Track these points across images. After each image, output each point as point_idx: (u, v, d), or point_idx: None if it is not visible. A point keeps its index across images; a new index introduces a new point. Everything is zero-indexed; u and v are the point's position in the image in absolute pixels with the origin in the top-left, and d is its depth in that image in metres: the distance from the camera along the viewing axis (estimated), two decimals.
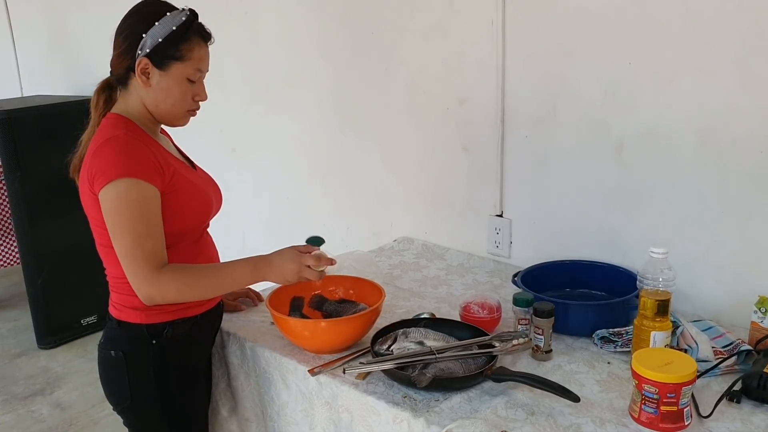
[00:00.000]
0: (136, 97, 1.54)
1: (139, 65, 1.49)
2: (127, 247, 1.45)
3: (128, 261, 1.46)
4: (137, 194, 1.43)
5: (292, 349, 1.68)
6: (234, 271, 1.54)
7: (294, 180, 2.85)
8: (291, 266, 1.53)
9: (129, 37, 1.50)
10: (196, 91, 1.56)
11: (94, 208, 1.48)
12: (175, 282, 1.47)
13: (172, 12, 1.50)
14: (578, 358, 1.62)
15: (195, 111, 1.60)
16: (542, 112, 2.00)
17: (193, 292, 1.53)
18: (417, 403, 1.44)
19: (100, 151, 1.45)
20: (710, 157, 1.73)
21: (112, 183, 1.42)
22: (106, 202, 1.44)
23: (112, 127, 1.50)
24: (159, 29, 1.48)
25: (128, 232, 1.44)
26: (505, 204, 2.17)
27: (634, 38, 1.78)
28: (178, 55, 1.50)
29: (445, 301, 1.96)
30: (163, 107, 1.54)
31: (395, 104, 2.38)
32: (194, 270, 1.52)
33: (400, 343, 1.57)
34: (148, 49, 1.48)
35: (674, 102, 1.75)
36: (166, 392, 1.59)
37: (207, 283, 1.53)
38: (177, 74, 1.51)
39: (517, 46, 2.01)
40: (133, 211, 1.43)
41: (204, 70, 1.56)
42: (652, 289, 1.51)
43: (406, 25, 2.27)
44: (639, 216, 1.88)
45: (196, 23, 1.53)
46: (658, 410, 1.31)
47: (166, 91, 1.52)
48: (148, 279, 1.45)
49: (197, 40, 1.52)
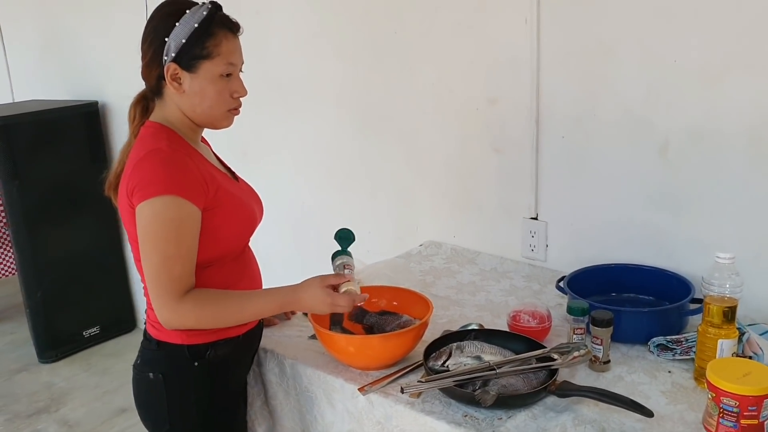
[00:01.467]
0: (173, 105, 1.46)
1: (168, 72, 1.41)
2: (154, 267, 1.37)
3: (153, 282, 1.38)
4: (174, 214, 1.35)
5: (336, 365, 1.61)
6: (259, 306, 1.48)
7: (310, 184, 2.77)
8: (321, 308, 1.48)
9: (153, 43, 1.41)
10: (233, 87, 1.46)
11: (131, 222, 1.40)
12: (196, 311, 1.40)
13: (191, 9, 1.41)
14: (637, 367, 1.56)
15: (237, 109, 1.51)
16: (580, 112, 1.94)
17: (213, 322, 1.46)
18: (480, 422, 1.37)
19: (141, 163, 1.37)
20: (762, 156, 1.68)
21: (150, 200, 1.34)
22: (142, 218, 1.36)
23: (154, 138, 1.41)
24: (180, 30, 1.39)
25: (158, 253, 1.36)
26: (540, 206, 2.10)
27: (680, 34, 1.73)
28: (205, 53, 1.41)
29: (486, 309, 1.89)
30: (200, 111, 1.45)
31: (420, 105, 2.31)
32: (218, 299, 1.44)
33: (455, 359, 1.50)
34: (173, 53, 1.39)
35: (723, 100, 1.70)
36: (207, 417, 1.52)
37: (228, 314, 1.46)
38: (208, 73, 1.42)
39: (552, 44, 1.95)
40: (167, 232, 1.35)
41: (237, 63, 1.46)
42: (718, 295, 1.45)
43: (431, 24, 2.20)
44: (685, 217, 1.83)
45: (219, 15, 1.43)
46: (737, 424, 1.26)
47: (200, 93, 1.43)
48: (169, 304, 1.38)
49: (224, 33, 1.42)
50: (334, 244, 1.62)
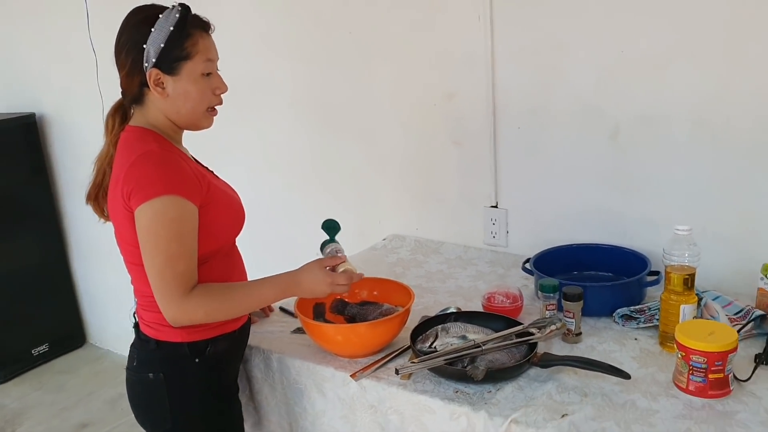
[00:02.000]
0: (155, 110, 1.48)
1: (150, 78, 1.43)
2: (159, 267, 1.39)
3: (158, 282, 1.40)
4: (175, 213, 1.38)
5: (324, 356, 1.66)
6: (263, 292, 1.51)
7: (268, 185, 2.80)
8: (322, 288, 1.52)
9: (131, 52, 1.43)
10: (214, 84, 1.51)
11: (127, 226, 1.42)
12: (204, 305, 1.43)
13: (163, 13, 1.44)
14: (606, 337, 1.67)
15: (215, 109, 1.55)
16: (535, 103, 2.05)
17: (221, 314, 1.50)
18: (471, 396, 1.45)
19: (135, 166, 1.39)
20: (705, 137, 1.82)
21: (150, 201, 1.36)
22: (143, 220, 1.38)
23: (142, 141, 1.43)
24: (157, 35, 1.42)
25: (161, 253, 1.38)
26: (500, 195, 2.21)
27: (627, 27, 1.85)
28: (185, 54, 1.44)
29: (458, 294, 1.98)
30: (184, 112, 1.48)
31: (378, 102, 2.38)
32: (223, 291, 1.48)
33: (442, 339, 1.58)
34: (153, 59, 1.42)
35: (668, 87, 1.83)
36: (208, 412, 1.55)
37: (236, 304, 1.49)
38: (190, 74, 1.45)
39: (506, 39, 2.05)
40: (170, 231, 1.38)
41: (215, 59, 1.51)
42: (678, 264, 1.58)
43: (387, 23, 2.27)
44: (637, 197, 1.96)
45: (191, 16, 1.47)
46: (706, 379, 1.38)
47: (184, 95, 1.46)
48: (177, 301, 1.40)
49: (198, 32, 1.46)
50: (296, 243, 1.66)
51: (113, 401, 3.28)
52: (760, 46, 1.69)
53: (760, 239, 1.80)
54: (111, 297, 3.68)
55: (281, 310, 1.93)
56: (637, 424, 1.33)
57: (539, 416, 1.37)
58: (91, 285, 3.77)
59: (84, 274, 3.78)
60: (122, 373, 3.51)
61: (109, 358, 3.73)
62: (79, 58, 3.18)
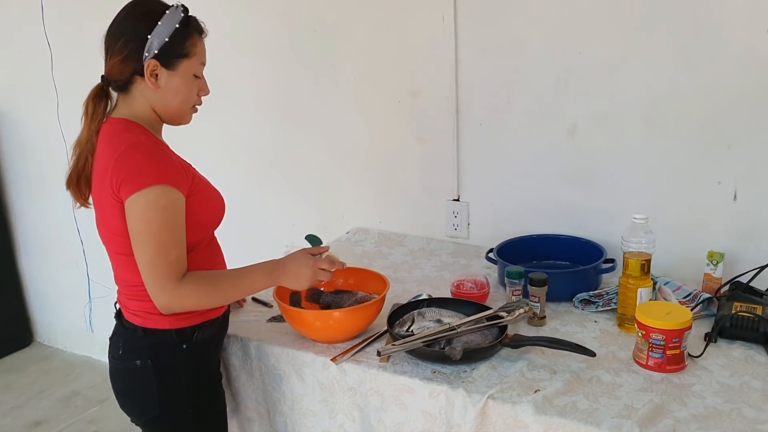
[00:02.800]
0: (142, 100, 1.51)
1: (148, 68, 1.46)
2: (151, 256, 1.42)
3: (150, 270, 1.43)
4: (167, 202, 1.41)
5: (303, 342, 1.71)
6: (251, 278, 1.55)
7: (229, 180, 2.80)
8: (306, 271, 1.57)
9: (131, 40, 1.46)
10: (200, 86, 1.56)
11: (115, 216, 1.44)
12: (197, 291, 1.47)
13: (169, 9, 1.48)
14: (568, 320, 1.78)
15: (196, 108, 1.59)
16: (496, 101, 2.16)
17: (213, 300, 1.54)
18: (448, 376, 1.53)
19: (124, 157, 1.41)
20: (656, 133, 1.95)
21: (142, 191, 1.38)
22: (135, 210, 1.40)
23: (129, 132, 1.46)
24: (163, 28, 1.45)
25: (154, 242, 1.41)
26: (462, 188, 2.30)
27: (583, 29, 1.97)
28: (185, 52, 1.49)
29: (425, 283, 2.06)
30: (172, 106, 1.52)
31: (343, 99, 2.44)
32: (214, 278, 1.53)
33: (418, 323, 1.66)
34: (155, 50, 1.45)
35: (622, 86, 1.96)
36: (195, 397, 1.58)
37: (226, 290, 1.54)
38: (185, 72, 1.50)
39: (469, 39, 2.14)
40: (161, 220, 1.41)
41: (205, 63, 1.57)
42: (636, 250, 1.70)
43: (353, 22, 2.34)
44: (592, 190, 2.09)
45: (192, 17, 1.53)
46: (664, 355, 1.50)
47: (175, 90, 1.50)
48: (169, 289, 1.43)
49: (197, 35, 1.53)
50: (258, 237, 1.69)
51: (66, 399, 3.23)
52: (704, 49, 1.83)
53: (706, 228, 1.95)
54: (61, 294, 3.62)
55: (254, 300, 1.97)
56: (604, 396, 1.44)
57: (514, 392, 1.46)
58: (39, 282, 3.69)
59: (32, 272, 3.70)
60: (74, 371, 3.49)
61: (58, 356, 3.66)
62: (31, 51, 3.12)
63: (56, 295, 3.66)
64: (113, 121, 1.51)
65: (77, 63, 2.96)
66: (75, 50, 2.97)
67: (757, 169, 1.86)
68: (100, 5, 2.80)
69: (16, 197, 3.58)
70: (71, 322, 3.63)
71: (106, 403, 3.16)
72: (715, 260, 1.85)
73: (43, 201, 3.47)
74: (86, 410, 3.13)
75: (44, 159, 3.35)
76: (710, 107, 1.87)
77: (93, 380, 3.37)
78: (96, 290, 3.45)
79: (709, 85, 1.85)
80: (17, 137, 3.43)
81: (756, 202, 1.88)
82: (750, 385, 1.46)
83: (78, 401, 3.21)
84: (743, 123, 1.84)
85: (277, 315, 1.85)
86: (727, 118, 1.86)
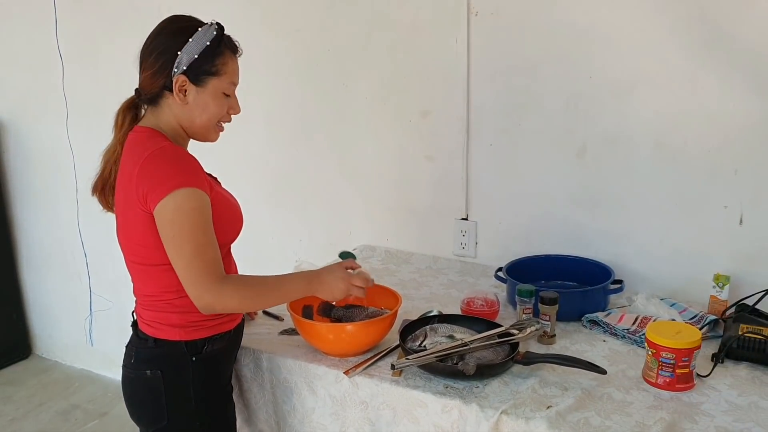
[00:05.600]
0: (170, 114, 1.53)
1: (176, 83, 1.49)
2: (188, 257, 1.42)
3: (189, 272, 1.43)
4: (196, 203, 1.42)
5: (315, 355, 1.73)
6: (290, 285, 1.58)
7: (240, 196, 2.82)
8: (341, 285, 1.59)
9: (163, 55, 1.49)
10: (231, 104, 1.58)
11: (138, 224, 1.45)
12: (239, 292, 1.47)
13: (202, 27, 1.51)
14: (577, 339, 1.80)
15: (223, 126, 1.62)
16: (507, 123, 2.19)
17: (253, 303, 1.56)
18: (461, 391, 1.55)
19: (149, 164, 1.43)
20: (665, 158, 1.99)
21: (170, 195, 1.40)
22: (166, 214, 1.41)
23: (153, 140, 1.48)
24: (194, 45, 1.48)
25: (189, 243, 1.42)
26: (470, 208, 2.33)
27: (595, 54, 2.02)
28: (214, 70, 1.51)
29: (433, 300, 2.08)
30: (198, 123, 1.55)
31: (354, 118, 2.47)
32: (255, 281, 1.53)
33: (431, 338, 1.68)
34: (184, 66, 1.48)
35: (632, 110, 2.00)
36: (203, 410, 1.59)
37: (266, 295, 1.55)
38: (214, 90, 1.53)
39: (482, 61, 2.19)
40: (193, 221, 1.42)
41: (237, 83, 1.58)
42: None
43: (366, 43, 2.38)
44: (601, 212, 2.12)
45: (226, 36, 1.55)
46: (674, 373, 1.52)
47: (202, 107, 1.52)
48: (211, 288, 1.42)
49: (229, 54, 1.54)
50: (266, 253, 1.70)
51: (66, 412, 3.21)
52: (713, 75, 1.88)
53: (712, 251, 1.98)
54: (62, 307, 3.61)
55: (265, 313, 1.99)
56: (616, 413, 1.45)
57: (527, 408, 1.47)
58: (40, 295, 3.69)
59: (33, 284, 3.70)
60: (73, 384, 3.48)
61: (58, 369, 3.64)
62: (42, 63, 3.15)
63: (57, 308, 3.65)
64: (138, 129, 1.53)
65: (89, 76, 2.99)
66: (87, 64, 3.00)
67: (762, 194, 1.90)
68: (115, 20, 2.87)
69: (21, 208, 3.59)
70: (71, 335, 3.62)
71: (105, 417, 3.15)
72: (721, 283, 1.88)
73: (47, 213, 3.48)
74: (86, 424, 3.11)
75: (51, 171, 3.36)
76: (718, 133, 1.91)
77: (93, 394, 3.36)
78: (97, 303, 3.45)
79: (717, 110, 1.90)
80: (25, 149, 3.45)
81: (761, 226, 1.92)
82: (758, 405, 1.48)
83: (77, 414, 3.19)
84: (750, 149, 1.88)
85: (289, 328, 1.86)
86: (735, 144, 1.90)
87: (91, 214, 1.76)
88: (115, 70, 2.32)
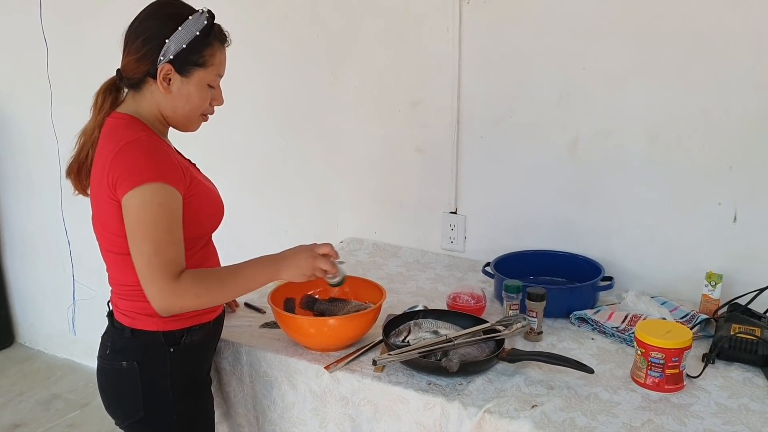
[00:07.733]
0: (151, 101, 1.48)
1: (161, 72, 1.43)
2: (147, 254, 1.37)
3: (146, 269, 1.38)
4: (163, 199, 1.37)
5: (296, 349, 1.68)
6: (250, 271, 1.49)
7: (225, 185, 2.77)
8: (305, 262, 1.51)
9: (149, 41, 1.43)
10: (215, 96, 1.53)
11: (111, 213, 1.40)
12: (195, 288, 1.41)
13: (193, 15, 1.45)
14: (564, 336, 1.76)
15: (207, 116, 1.56)
16: (498, 115, 2.14)
17: (213, 298, 1.47)
18: (444, 388, 1.51)
19: (122, 154, 1.38)
20: (658, 153, 1.95)
21: (138, 188, 1.35)
22: (131, 207, 1.36)
23: (130, 129, 1.43)
24: (183, 34, 1.42)
25: (149, 239, 1.37)
26: (459, 201, 2.29)
27: (588, 46, 1.97)
28: (201, 61, 1.46)
29: (420, 294, 2.04)
30: (181, 113, 1.50)
31: (342, 107, 2.42)
32: (212, 274, 1.47)
33: (415, 334, 1.64)
34: (171, 55, 1.42)
35: (625, 103, 1.96)
36: (180, 402, 1.54)
37: (225, 286, 1.47)
38: (199, 81, 1.47)
39: (473, 51, 2.13)
40: (157, 218, 1.37)
41: (223, 74, 1.53)
42: None
43: (356, 30, 2.32)
44: (591, 207, 2.07)
45: (217, 26, 1.49)
46: (663, 374, 1.48)
47: (186, 97, 1.47)
48: (166, 288, 1.37)
49: (218, 45, 1.49)
50: (252, 242, 1.64)
51: (47, 402, 3.16)
52: (707, 69, 1.84)
53: (705, 249, 1.94)
54: (45, 296, 3.56)
55: (246, 305, 1.94)
56: (602, 414, 1.41)
57: (511, 406, 1.43)
58: (23, 283, 3.63)
59: (16, 271, 3.64)
60: (54, 374, 3.43)
61: (40, 358, 3.59)
62: (26, 46, 3.09)
63: (41, 297, 3.60)
64: (117, 115, 1.48)
65: (73, 60, 2.93)
66: (72, 47, 2.94)
67: (758, 191, 1.86)
68: (101, 3, 2.80)
69: (4, 195, 3.53)
70: (54, 324, 3.57)
71: (86, 408, 3.10)
72: (714, 281, 1.84)
73: (31, 200, 3.42)
74: (66, 414, 3.06)
75: (35, 157, 3.30)
76: (712, 128, 1.87)
77: (74, 384, 3.31)
78: (80, 292, 3.39)
79: (712, 105, 1.85)
80: (7, 134, 3.38)
81: (755, 224, 1.88)
82: (749, 407, 1.44)
83: (58, 404, 3.14)
84: (745, 144, 1.84)
85: (270, 321, 1.82)
86: (729, 140, 1.86)
87: (76, 201, 1.70)
88: (101, 54, 2.25)
